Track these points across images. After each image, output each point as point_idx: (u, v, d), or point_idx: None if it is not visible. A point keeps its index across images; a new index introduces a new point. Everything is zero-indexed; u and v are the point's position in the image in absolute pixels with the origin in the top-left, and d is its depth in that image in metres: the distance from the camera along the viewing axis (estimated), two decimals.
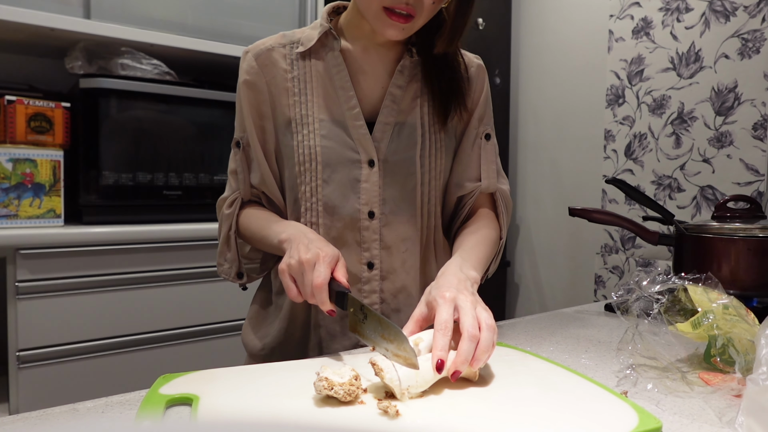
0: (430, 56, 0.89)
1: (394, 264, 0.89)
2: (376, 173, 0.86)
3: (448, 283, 0.70)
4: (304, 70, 0.88)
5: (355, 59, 0.88)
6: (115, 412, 0.56)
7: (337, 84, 0.87)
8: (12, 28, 1.45)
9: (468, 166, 0.93)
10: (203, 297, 1.54)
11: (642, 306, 0.71)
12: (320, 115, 0.86)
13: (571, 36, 2.27)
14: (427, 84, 0.90)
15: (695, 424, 0.56)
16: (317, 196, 0.86)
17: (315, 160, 0.85)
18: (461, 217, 0.94)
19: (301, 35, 0.90)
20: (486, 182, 0.92)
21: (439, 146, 0.90)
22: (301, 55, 0.88)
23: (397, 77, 0.88)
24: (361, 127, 0.86)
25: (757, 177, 1.66)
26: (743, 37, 1.67)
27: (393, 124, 0.88)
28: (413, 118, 0.89)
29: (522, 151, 2.52)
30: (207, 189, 1.65)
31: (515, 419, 0.54)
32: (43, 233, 1.33)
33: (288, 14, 1.85)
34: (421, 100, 0.90)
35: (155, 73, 1.64)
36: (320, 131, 0.86)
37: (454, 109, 0.90)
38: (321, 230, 0.87)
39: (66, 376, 1.35)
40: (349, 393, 0.56)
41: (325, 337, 0.89)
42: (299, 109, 0.87)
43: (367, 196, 0.86)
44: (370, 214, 0.86)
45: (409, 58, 0.89)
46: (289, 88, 0.87)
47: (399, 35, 0.80)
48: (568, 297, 2.33)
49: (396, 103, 0.88)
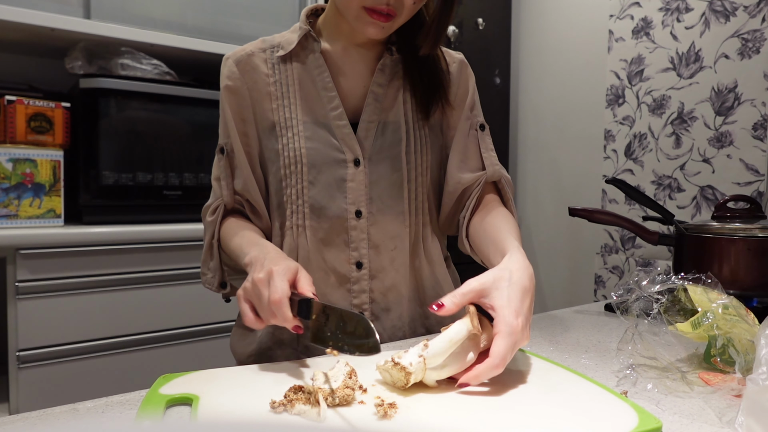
0: (410, 54, 0.89)
1: (383, 263, 0.88)
2: (362, 172, 0.86)
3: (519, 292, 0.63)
4: (285, 73, 0.88)
5: (335, 60, 0.89)
6: (115, 412, 0.56)
7: (319, 85, 0.87)
8: (12, 28, 1.45)
9: (467, 157, 0.92)
10: (203, 297, 1.54)
11: (642, 306, 0.71)
12: (303, 118, 0.86)
13: (571, 36, 2.27)
14: (408, 81, 0.90)
15: (695, 424, 0.56)
16: (303, 198, 0.86)
17: (300, 162, 0.85)
18: (470, 209, 0.90)
19: (280, 39, 0.90)
20: (491, 170, 0.91)
21: (424, 142, 0.91)
22: (281, 59, 0.89)
23: (378, 76, 0.89)
24: (345, 126, 0.86)
25: (757, 177, 1.66)
26: (743, 37, 1.67)
27: (377, 122, 0.88)
28: (396, 116, 0.89)
29: (522, 151, 2.52)
30: (207, 189, 1.63)
31: (515, 419, 0.54)
32: (43, 233, 1.33)
33: (288, 14, 1.85)
34: (403, 97, 0.90)
35: (155, 73, 1.64)
36: (304, 133, 0.86)
37: (435, 103, 0.91)
38: (308, 232, 0.86)
39: (66, 376, 1.35)
40: (345, 398, 0.56)
41: None
42: (282, 113, 0.87)
43: (353, 195, 0.86)
44: (357, 214, 0.86)
45: (389, 56, 0.90)
46: (271, 92, 0.88)
47: (379, 34, 0.81)
48: (568, 297, 2.33)
49: (378, 101, 0.89)
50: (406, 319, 0.91)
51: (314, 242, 0.87)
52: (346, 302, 0.88)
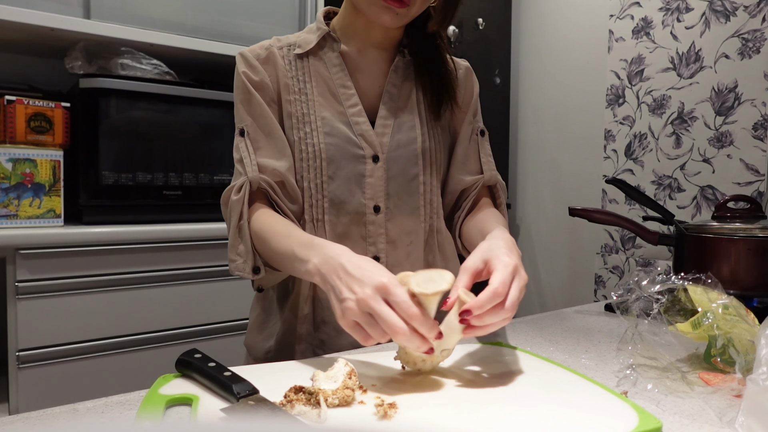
0: (422, 55, 0.94)
1: (400, 257, 0.91)
2: (380, 168, 0.89)
3: (505, 246, 0.68)
4: (303, 70, 0.90)
5: (352, 59, 0.92)
6: (115, 412, 0.56)
7: (337, 83, 0.90)
8: (12, 28, 1.45)
9: (468, 159, 0.98)
10: (203, 297, 1.54)
11: (642, 306, 0.71)
12: (322, 113, 0.88)
13: (571, 36, 2.27)
14: (419, 82, 0.94)
15: (695, 424, 0.56)
16: (322, 192, 0.87)
17: (319, 157, 0.87)
18: (465, 209, 0.97)
19: (295, 39, 0.93)
20: (488, 174, 0.97)
21: (438, 140, 0.95)
22: (298, 56, 0.91)
23: (392, 76, 0.93)
24: (364, 123, 0.89)
25: (757, 177, 1.66)
26: (743, 37, 1.67)
27: (392, 120, 0.91)
28: (411, 115, 0.93)
29: (522, 151, 2.52)
30: (207, 189, 1.65)
31: (515, 419, 0.54)
32: (43, 233, 1.33)
33: (288, 14, 1.85)
34: (416, 98, 0.94)
35: (155, 73, 1.64)
36: (323, 129, 0.87)
37: (446, 104, 0.94)
38: (327, 226, 0.88)
39: (66, 376, 1.35)
40: (345, 398, 0.56)
41: (331, 333, 0.88)
42: (299, 107, 0.89)
43: (372, 190, 0.88)
44: (375, 209, 0.89)
45: (402, 58, 0.94)
46: (289, 84, 0.89)
47: (394, 21, 0.84)
48: (568, 297, 2.33)
49: (393, 100, 0.92)
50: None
51: (333, 236, 0.88)
52: None
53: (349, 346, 0.85)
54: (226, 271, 1.56)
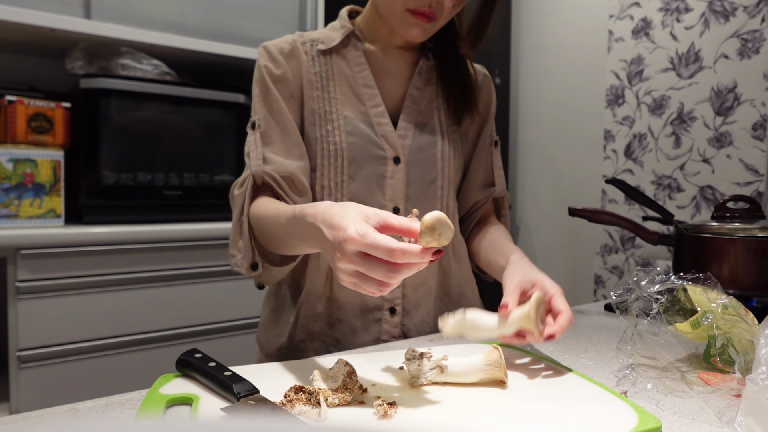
0: (445, 60, 0.94)
1: None
2: (401, 170, 0.89)
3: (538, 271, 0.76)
4: (326, 67, 0.89)
5: (376, 59, 0.91)
6: (115, 412, 0.57)
7: (360, 82, 0.89)
8: (12, 28, 1.45)
9: (483, 170, 0.99)
10: (204, 297, 1.54)
11: (641, 306, 0.71)
12: (344, 112, 0.88)
13: (571, 36, 2.27)
14: (441, 87, 0.94)
15: (695, 424, 0.56)
16: (342, 192, 0.87)
17: (341, 156, 0.86)
18: (474, 221, 0.99)
19: (318, 35, 0.92)
20: (499, 188, 0.99)
21: (456, 146, 0.95)
22: (321, 52, 0.90)
23: (416, 79, 0.92)
24: (386, 124, 0.89)
25: (757, 177, 1.66)
26: (743, 37, 1.67)
27: (414, 123, 0.91)
28: (432, 119, 0.93)
29: (522, 151, 2.52)
30: (207, 189, 1.65)
31: (515, 419, 0.54)
32: (43, 233, 1.33)
33: (288, 14, 1.85)
34: (437, 102, 0.94)
35: (155, 73, 1.64)
36: (345, 128, 0.87)
37: (467, 111, 0.95)
38: None
39: (66, 376, 1.35)
40: (345, 398, 0.56)
41: (347, 332, 0.88)
42: (322, 104, 0.88)
43: (392, 192, 0.88)
44: (395, 210, 0.89)
45: (425, 61, 0.94)
46: (312, 81, 0.89)
47: (421, 36, 0.84)
48: (568, 297, 2.31)
49: (415, 103, 0.92)
50: (433, 315, 0.93)
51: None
52: (379, 297, 0.89)
53: (364, 345, 0.85)
54: (227, 270, 1.56)
